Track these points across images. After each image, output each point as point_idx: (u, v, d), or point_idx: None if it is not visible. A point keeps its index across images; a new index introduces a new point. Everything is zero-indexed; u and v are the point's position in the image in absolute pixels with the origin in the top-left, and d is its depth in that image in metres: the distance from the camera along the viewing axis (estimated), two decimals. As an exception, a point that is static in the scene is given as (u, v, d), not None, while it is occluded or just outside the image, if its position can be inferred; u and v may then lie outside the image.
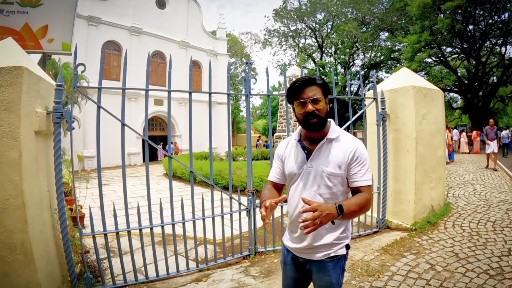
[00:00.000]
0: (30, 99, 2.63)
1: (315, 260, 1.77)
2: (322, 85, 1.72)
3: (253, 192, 4.16)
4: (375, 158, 4.99)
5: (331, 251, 1.74)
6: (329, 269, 1.75)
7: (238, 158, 20.33)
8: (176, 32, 24.37)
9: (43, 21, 9.27)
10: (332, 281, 1.75)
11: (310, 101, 1.66)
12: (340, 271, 1.78)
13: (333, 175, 1.69)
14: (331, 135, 1.73)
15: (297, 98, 1.70)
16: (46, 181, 2.93)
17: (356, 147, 1.71)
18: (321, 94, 1.70)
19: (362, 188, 1.68)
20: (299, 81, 1.70)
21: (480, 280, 3.19)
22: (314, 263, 1.78)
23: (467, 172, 10.73)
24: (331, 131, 1.74)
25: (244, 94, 4.26)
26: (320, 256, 1.75)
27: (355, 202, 1.61)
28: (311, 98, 1.66)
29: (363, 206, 1.62)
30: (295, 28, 37.04)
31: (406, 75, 5.42)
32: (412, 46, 24.37)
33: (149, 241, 4.70)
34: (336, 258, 1.75)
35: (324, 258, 1.75)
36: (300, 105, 1.69)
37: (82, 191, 8.27)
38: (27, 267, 2.52)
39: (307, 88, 1.69)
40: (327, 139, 1.72)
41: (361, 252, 4.13)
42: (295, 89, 1.71)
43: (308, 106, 1.66)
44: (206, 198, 4.45)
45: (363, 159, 1.71)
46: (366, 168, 1.71)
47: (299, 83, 1.70)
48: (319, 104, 1.68)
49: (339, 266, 1.77)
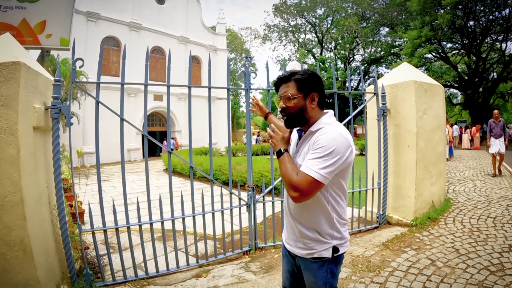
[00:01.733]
0: (28, 94, 2.60)
1: (301, 258, 1.73)
2: (300, 80, 1.65)
3: (253, 187, 4.15)
4: (376, 153, 4.98)
5: (312, 251, 1.66)
6: (314, 270, 1.68)
7: (237, 154, 20.36)
8: (176, 28, 24.29)
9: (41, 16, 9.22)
10: (318, 283, 1.68)
11: (281, 98, 1.69)
12: (327, 274, 1.67)
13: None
14: (313, 127, 1.64)
15: (278, 94, 1.74)
16: (45, 177, 2.92)
17: (320, 135, 1.55)
18: (296, 90, 1.64)
19: (298, 172, 1.52)
20: (276, 78, 1.74)
21: (481, 276, 3.18)
22: (301, 260, 1.74)
23: (467, 168, 10.73)
24: (316, 124, 1.64)
25: (244, 89, 4.23)
26: (302, 254, 1.70)
27: (288, 167, 1.56)
28: (282, 95, 1.68)
29: (285, 178, 1.54)
30: (295, 23, 36.97)
31: (407, 70, 5.39)
32: (412, 42, 24.34)
33: (148, 237, 4.69)
34: (320, 260, 1.66)
35: (307, 257, 1.68)
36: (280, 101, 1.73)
37: (81, 187, 8.26)
38: (27, 263, 2.51)
39: (282, 84, 1.71)
40: (309, 131, 1.65)
41: (361, 247, 4.13)
42: (275, 85, 1.76)
43: (280, 103, 1.69)
44: (206, 194, 4.44)
45: (319, 146, 1.51)
46: (317, 157, 1.49)
47: (276, 80, 1.74)
48: (290, 101, 1.64)
49: (325, 269, 1.67)
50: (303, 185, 1.47)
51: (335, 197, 1.65)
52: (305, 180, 1.47)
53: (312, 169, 1.47)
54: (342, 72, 32.43)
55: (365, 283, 3.17)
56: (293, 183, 1.49)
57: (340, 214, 1.67)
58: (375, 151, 4.99)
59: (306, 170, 1.48)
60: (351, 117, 4.69)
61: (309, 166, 1.49)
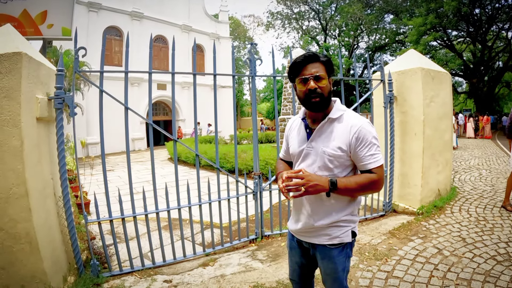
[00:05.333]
0: (30, 85, 2.56)
1: (318, 246, 1.72)
2: (326, 62, 1.62)
3: (259, 175, 4.12)
4: (382, 141, 4.91)
5: (333, 236, 1.67)
6: (334, 256, 1.69)
7: (242, 142, 20.28)
8: (178, 16, 24.03)
9: (42, 6, 9.13)
10: (338, 269, 1.71)
11: (313, 78, 1.57)
12: (345, 258, 1.72)
13: (333, 156, 1.60)
14: (333, 115, 1.63)
15: (299, 75, 1.62)
16: (50, 168, 2.90)
17: (359, 127, 1.57)
18: (325, 71, 1.61)
19: (372, 170, 1.59)
20: (302, 56, 1.62)
21: (487, 266, 3.16)
22: (318, 249, 1.73)
23: (472, 157, 10.65)
24: (334, 110, 1.65)
25: (249, 76, 4.18)
26: (322, 241, 1.69)
27: (355, 180, 1.57)
28: (314, 75, 1.57)
29: (364, 185, 1.57)
30: (298, 10, 36.46)
31: (414, 57, 5.29)
32: (417, 29, 23.99)
33: (155, 226, 4.70)
34: (340, 245, 1.69)
35: (327, 244, 1.68)
36: (302, 83, 1.61)
37: (86, 177, 8.28)
38: (33, 256, 2.51)
39: (309, 64, 1.60)
40: (329, 118, 1.63)
41: (368, 235, 4.11)
42: (297, 65, 1.62)
43: (310, 83, 1.57)
44: (212, 182, 4.43)
45: (369, 139, 1.57)
46: (374, 148, 1.59)
47: (301, 58, 1.61)
48: (322, 82, 1.59)
49: (344, 253, 1.71)
50: (383, 174, 1.65)
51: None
52: (382, 169, 1.63)
53: (379, 159, 1.60)
54: (346, 59, 32.10)
55: (373, 271, 3.16)
56: (379, 179, 1.61)
57: (358, 198, 1.74)
58: (382, 138, 4.93)
59: (378, 163, 1.60)
60: (358, 104, 4.62)
61: (376, 159, 1.60)
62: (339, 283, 1.74)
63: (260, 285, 3.03)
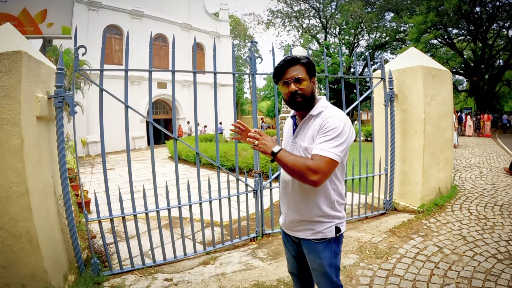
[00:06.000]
0: (30, 84, 2.56)
1: (304, 240, 1.78)
2: (306, 64, 1.72)
3: (259, 173, 4.11)
4: (383, 139, 4.92)
5: (316, 231, 1.73)
6: (319, 251, 1.74)
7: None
8: (178, 15, 24.00)
9: (42, 5, 9.11)
10: (323, 264, 1.75)
11: (293, 80, 1.68)
12: (331, 254, 1.75)
13: (307, 150, 1.67)
14: (313, 111, 1.71)
15: (281, 79, 1.72)
16: (50, 167, 2.90)
17: (328, 117, 1.63)
18: (305, 73, 1.70)
19: (313, 156, 1.57)
20: (283, 61, 1.72)
21: (488, 264, 3.15)
22: (304, 243, 1.79)
23: (473, 155, 10.64)
24: (316, 108, 1.72)
25: (250, 74, 4.17)
26: (307, 235, 1.75)
27: (293, 158, 1.58)
28: (294, 78, 1.68)
29: (296, 166, 1.54)
30: (298, 9, 36.40)
31: (415, 55, 5.28)
32: (417, 27, 23.95)
33: (155, 224, 4.70)
34: (324, 240, 1.73)
35: (311, 238, 1.74)
36: (284, 85, 1.71)
37: (87, 176, 8.29)
38: (33, 255, 2.51)
39: (290, 68, 1.70)
40: (309, 115, 1.72)
41: (368, 234, 4.11)
42: (279, 69, 1.73)
43: (291, 86, 1.67)
44: (212, 180, 4.43)
45: (329, 129, 1.59)
46: (328, 138, 1.57)
47: (282, 63, 1.72)
48: (302, 83, 1.68)
49: (329, 249, 1.74)
50: (323, 167, 1.54)
51: (338, 177, 1.74)
52: (324, 161, 1.54)
53: (328, 150, 1.55)
54: (347, 57, 32.04)
55: (373, 270, 3.16)
56: (311, 167, 1.53)
57: (341, 194, 1.77)
58: (382, 137, 4.94)
59: (322, 153, 1.55)
60: (358, 103, 4.62)
61: (324, 148, 1.56)
62: (328, 278, 1.77)
63: (260, 283, 3.03)
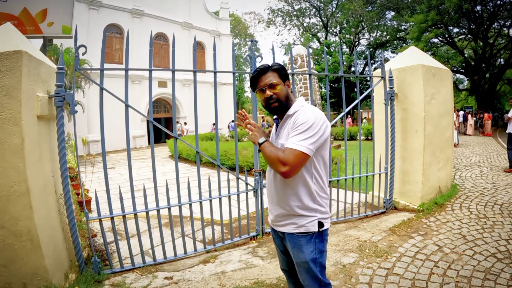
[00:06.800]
0: (31, 83, 2.57)
1: (287, 234, 1.83)
2: (278, 70, 1.83)
3: (260, 172, 4.11)
4: (383, 138, 4.93)
5: (299, 225, 1.77)
6: (302, 245, 1.78)
7: (243, 139, 20.27)
8: (179, 13, 24.00)
9: (42, 5, 9.12)
10: (306, 259, 1.77)
11: (267, 87, 1.80)
12: (314, 250, 1.78)
13: (283, 146, 1.73)
14: (289, 112, 1.80)
15: (257, 87, 1.85)
16: (50, 166, 2.91)
17: (299, 114, 1.72)
18: (278, 78, 1.82)
19: (284, 149, 1.67)
20: (256, 71, 1.85)
21: (488, 263, 3.16)
22: (288, 237, 1.84)
23: (473, 154, 10.64)
24: (292, 108, 1.81)
25: (250, 73, 4.17)
26: (290, 229, 1.80)
27: (270, 150, 1.70)
28: (267, 84, 1.79)
29: (272, 157, 1.67)
30: (299, 7, 36.38)
31: (415, 53, 5.28)
32: (418, 26, 23.90)
33: (155, 223, 4.71)
34: (307, 234, 1.77)
35: (294, 232, 1.79)
36: (260, 92, 1.83)
37: (88, 175, 8.30)
38: (34, 253, 2.52)
39: (263, 76, 1.83)
40: (286, 115, 1.82)
41: (368, 232, 4.12)
42: (254, 79, 1.86)
43: (266, 92, 1.80)
44: (213, 179, 4.43)
45: (299, 123, 1.67)
46: (299, 132, 1.65)
47: (255, 73, 1.85)
48: (276, 88, 1.80)
49: (312, 244, 1.78)
50: (291, 159, 1.61)
51: (319, 171, 1.79)
52: (293, 154, 1.62)
53: (297, 143, 1.63)
54: (348, 56, 32.02)
55: (373, 268, 3.17)
56: (281, 158, 1.63)
57: (322, 188, 1.82)
58: (382, 135, 4.94)
59: (291, 146, 1.63)
60: (358, 101, 4.62)
61: (293, 141, 1.64)
62: (312, 274, 1.79)
63: (260, 282, 3.04)
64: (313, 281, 1.81)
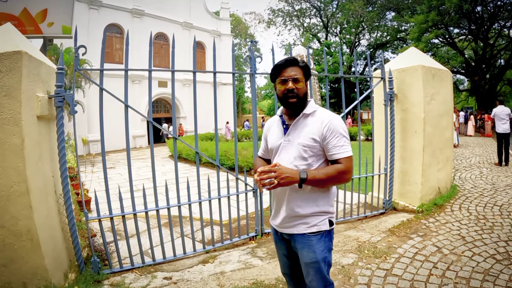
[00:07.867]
0: (31, 83, 2.57)
1: (298, 236, 1.81)
2: (304, 67, 1.83)
3: (260, 172, 4.11)
4: (382, 138, 4.93)
5: (311, 225, 1.77)
6: (313, 244, 1.77)
7: (243, 139, 20.30)
8: (179, 13, 24.00)
9: (42, 5, 9.13)
10: (317, 258, 1.76)
11: (291, 79, 1.77)
12: (325, 249, 1.79)
13: (307, 146, 1.75)
14: (307, 110, 1.80)
15: (279, 76, 1.81)
16: (50, 166, 2.91)
17: (330, 120, 1.75)
18: (302, 75, 1.80)
19: (339, 160, 1.71)
20: (283, 60, 1.81)
21: (487, 265, 3.16)
22: (297, 239, 1.81)
23: (473, 155, 10.63)
24: (308, 107, 1.82)
25: (249, 73, 4.17)
26: (301, 230, 1.79)
27: (324, 171, 1.69)
28: (293, 77, 1.77)
29: (332, 175, 1.68)
30: (299, 8, 36.43)
31: (415, 54, 5.29)
32: (419, 26, 23.91)
33: (155, 223, 4.72)
34: (319, 233, 1.78)
35: (305, 232, 1.78)
36: (282, 83, 1.79)
37: (87, 175, 8.30)
38: (34, 253, 2.53)
39: (289, 67, 1.79)
40: (303, 114, 1.80)
41: (367, 233, 4.12)
42: (279, 67, 1.81)
43: (289, 83, 1.76)
44: (212, 179, 4.44)
45: (338, 131, 1.73)
46: (343, 140, 1.73)
47: (282, 62, 1.81)
48: (299, 84, 1.78)
49: (323, 242, 1.78)
50: (350, 165, 1.72)
51: None
52: (350, 161, 1.72)
53: (348, 150, 1.72)
54: (348, 57, 32.03)
55: (372, 269, 3.17)
56: (343, 170, 1.69)
57: (335, 189, 1.89)
58: (382, 136, 4.95)
59: (345, 154, 1.71)
60: (358, 102, 4.63)
61: (345, 150, 1.72)
62: (321, 275, 1.78)
63: (259, 282, 3.04)
64: (321, 282, 1.79)
